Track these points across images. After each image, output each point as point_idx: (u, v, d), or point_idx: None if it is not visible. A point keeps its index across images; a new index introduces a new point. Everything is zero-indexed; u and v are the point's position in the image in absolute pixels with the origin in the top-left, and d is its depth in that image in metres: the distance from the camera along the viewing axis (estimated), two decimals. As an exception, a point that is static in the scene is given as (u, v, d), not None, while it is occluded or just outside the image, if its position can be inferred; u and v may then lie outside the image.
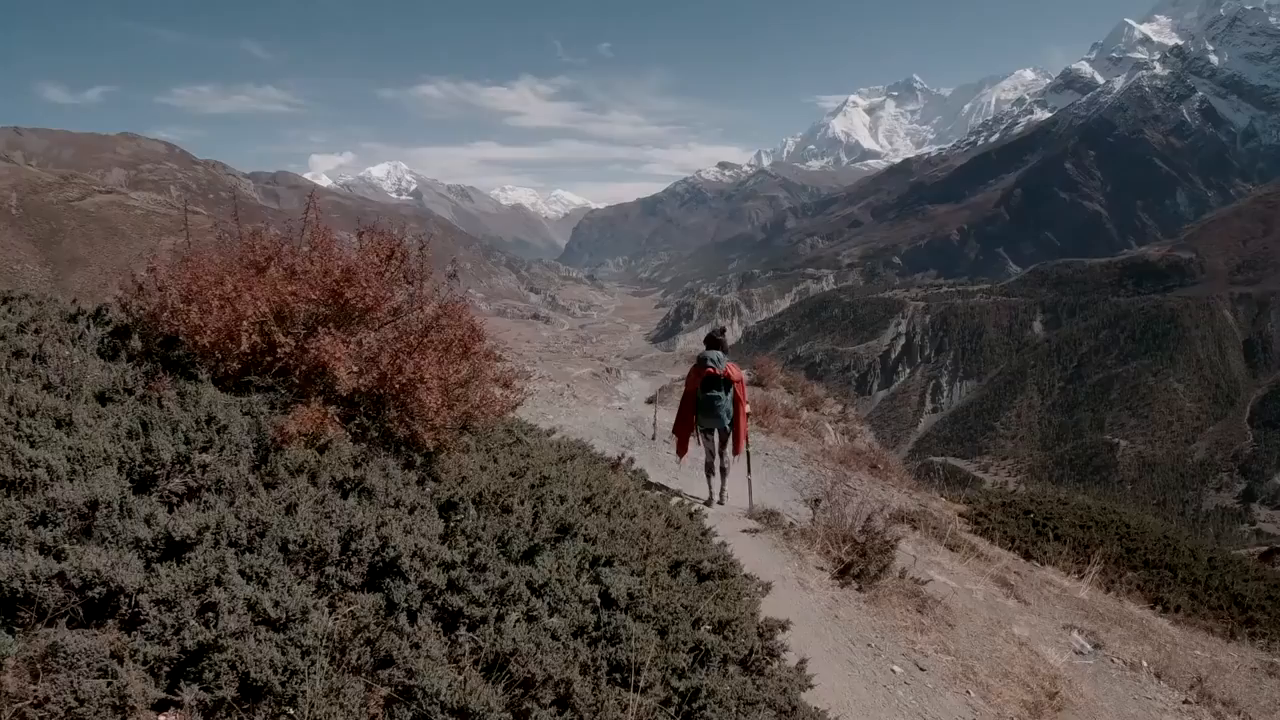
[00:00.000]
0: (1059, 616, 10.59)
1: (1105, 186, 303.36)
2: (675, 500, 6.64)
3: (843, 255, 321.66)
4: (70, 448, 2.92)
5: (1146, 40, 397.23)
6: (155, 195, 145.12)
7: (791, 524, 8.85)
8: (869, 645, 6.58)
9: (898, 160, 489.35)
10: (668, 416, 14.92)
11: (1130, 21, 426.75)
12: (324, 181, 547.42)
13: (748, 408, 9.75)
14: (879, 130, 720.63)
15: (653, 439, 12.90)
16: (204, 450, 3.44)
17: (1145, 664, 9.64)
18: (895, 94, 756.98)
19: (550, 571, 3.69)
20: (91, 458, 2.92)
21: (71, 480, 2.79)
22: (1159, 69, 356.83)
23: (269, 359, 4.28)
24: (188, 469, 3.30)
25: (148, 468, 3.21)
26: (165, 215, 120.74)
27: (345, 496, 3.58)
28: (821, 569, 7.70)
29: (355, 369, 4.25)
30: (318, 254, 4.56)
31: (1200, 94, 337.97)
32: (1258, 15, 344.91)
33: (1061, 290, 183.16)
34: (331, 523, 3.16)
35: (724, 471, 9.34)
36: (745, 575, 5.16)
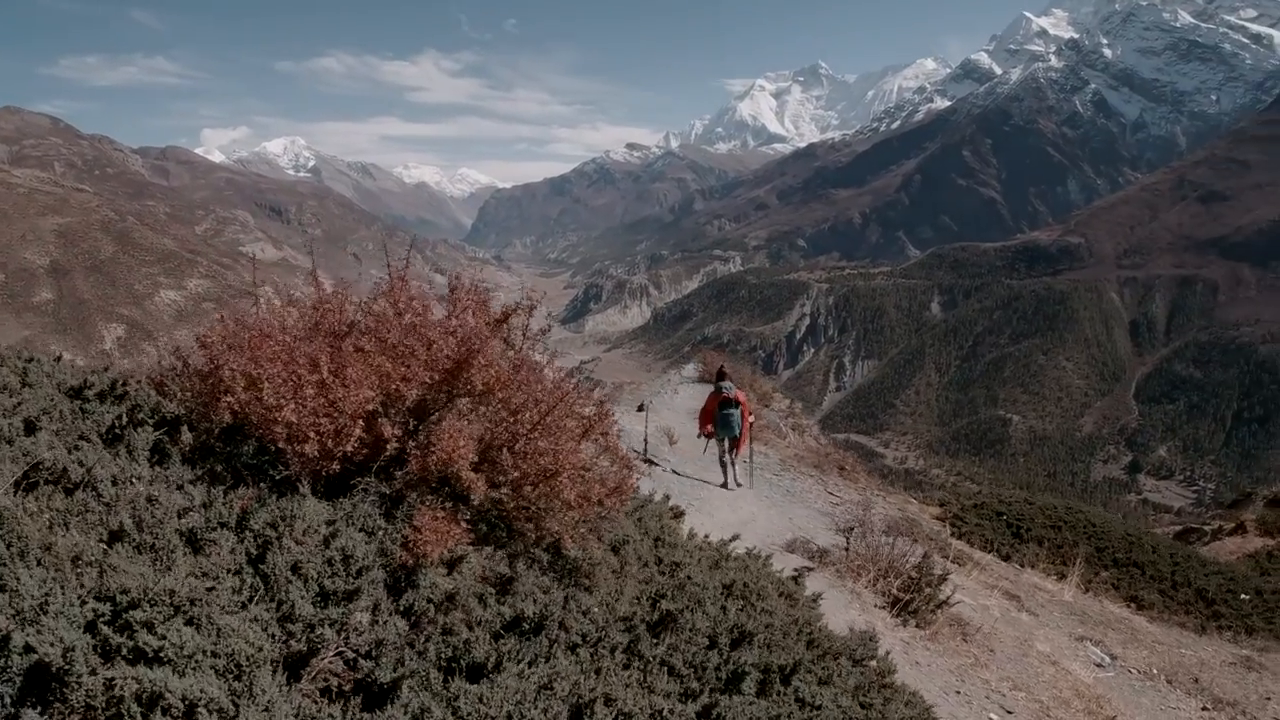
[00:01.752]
0: (1063, 626, 10.68)
1: (1000, 173, 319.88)
2: (748, 550, 6.08)
3: (749, 237, 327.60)
4: (215, 654, 2.08)
5: (1043, 33, 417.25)
6: (39, 172, 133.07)
7: (823, 550, 8.53)
8: (957, 693, 6.37)
9: (803, 145, 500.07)
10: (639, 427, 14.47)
11: (1028, 14, 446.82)
12: (216, 157, 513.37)
13: (752, 418, 12.49)
14: (785, 115, 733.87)
15: (644, 454, 12.27)
16: (347, 600, 2.63)
17: (1156, 671, 9.82)
18: (801, 79, 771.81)
19: (764, 702, 3.10)
20: (247, 664, 2.09)
21: (237, 709, 1.98)
22: (1054, 61, 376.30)
23: (365, 452, 3.44)
24: (341, 634, 2.50)
25: (295, 645, 2.40)
26: (49, 194, 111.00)
27: (524, 642, 2.83)
28: (880, 607, 7.38)
29: (475, 459, 3.47)
30: (408, 318, 3.72)
31: (1093, 86, 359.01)
32: (1151, 11, 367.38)
33: (958, 273, 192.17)
34: (555, 695, 2.45)
35: (733, 464, 11.84)
36: (884, 652, 4.67)
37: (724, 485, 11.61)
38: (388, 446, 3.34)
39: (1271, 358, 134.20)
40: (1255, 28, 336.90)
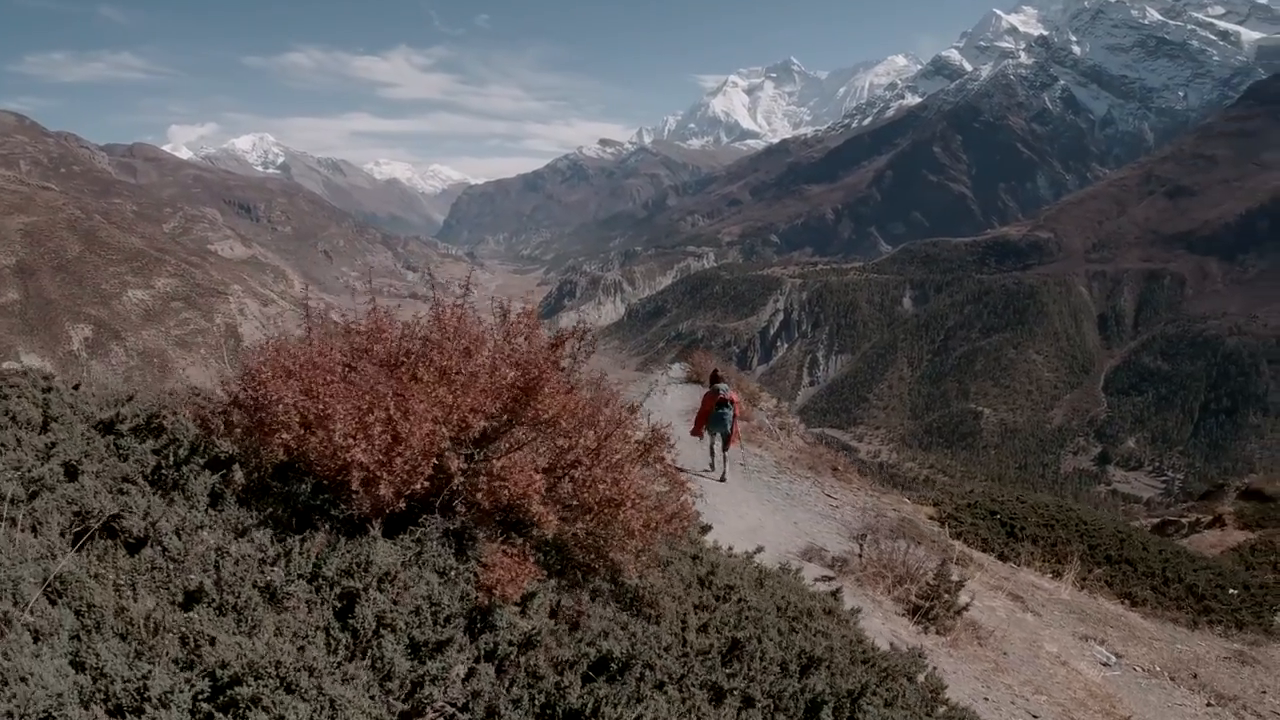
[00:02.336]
0: (1066, 625, 10.80)
1: (971, 169, 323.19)
2: (774, 567, 6.06)
3: (723, 233, 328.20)
4: (334, 724, 1.98)
5: (1013, 30, 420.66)
6: (4, 171, 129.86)
7: (841, 559, 8.55)
8: (986, 699, 6.41)
9: (775, 141, 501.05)
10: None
11: (999, 11, 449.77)
12: (184, 154, 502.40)
13: (741, 423, 13.51)
14: (758, 111, 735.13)
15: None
16: (438, 651, 2.53)
17: (1159, 668, 9.97)
18: (774, 75, 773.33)
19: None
20: (368, 733, 1.99)
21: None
22: (1024, 58, 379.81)
23: (426, 485, 3.33)
24: (444, 689, 2.41)
25: (396, 703, 2.30)
26: (15, 192, 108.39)
27: (614, 685, 2.76)
28: (900, 615, 7.42)
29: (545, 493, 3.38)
30: (459, 344, 3.62)
31: (1062, 83, 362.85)
32: (1120, 8, 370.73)
33: (929, 268, 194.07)
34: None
35: (724, 459, 12.80)
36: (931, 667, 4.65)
37: (714, 473, 12.75)
38: (453, 480, 3.24)
39: (1238, 350, 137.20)
40: (1223, 24, 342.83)
